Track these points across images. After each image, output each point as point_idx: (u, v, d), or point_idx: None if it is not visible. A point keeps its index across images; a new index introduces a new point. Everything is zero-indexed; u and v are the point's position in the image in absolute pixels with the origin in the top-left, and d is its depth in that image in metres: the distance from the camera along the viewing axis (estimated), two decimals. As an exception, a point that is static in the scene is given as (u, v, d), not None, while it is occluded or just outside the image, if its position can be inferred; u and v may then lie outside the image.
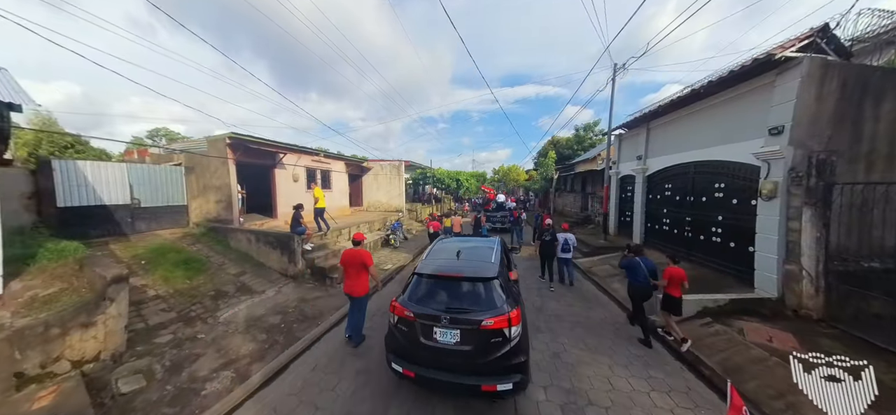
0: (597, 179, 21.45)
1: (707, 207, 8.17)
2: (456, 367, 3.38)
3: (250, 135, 10.60)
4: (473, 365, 3.33)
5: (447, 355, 3.39)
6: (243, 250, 9.70)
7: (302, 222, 8.44)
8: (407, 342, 3.55)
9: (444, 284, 3.80)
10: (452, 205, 26.13)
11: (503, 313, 3.37)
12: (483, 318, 3.35)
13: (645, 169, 10.67)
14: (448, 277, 3.83)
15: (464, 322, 3.37)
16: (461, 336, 3.36)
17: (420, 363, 3.46)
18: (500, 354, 3.29)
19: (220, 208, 11.18)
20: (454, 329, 3.37)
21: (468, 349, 3.33)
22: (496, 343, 3.31)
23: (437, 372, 3.39)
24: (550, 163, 22.84)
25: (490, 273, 3.79)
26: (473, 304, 3.56)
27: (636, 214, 11.19)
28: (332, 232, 10.61)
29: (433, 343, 3.41)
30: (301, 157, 13.33)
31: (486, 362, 3.30)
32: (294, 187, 13.19)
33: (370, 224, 13.37)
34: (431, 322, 3.44)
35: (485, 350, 3.31)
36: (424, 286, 3.84)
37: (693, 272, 8.01)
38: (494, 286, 3.67)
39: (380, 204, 18.12)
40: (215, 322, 5.67)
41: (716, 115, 7.83)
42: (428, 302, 3.66)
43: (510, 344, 3.31)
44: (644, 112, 9.99)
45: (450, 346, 3.38)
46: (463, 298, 3.65)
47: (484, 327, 3.31)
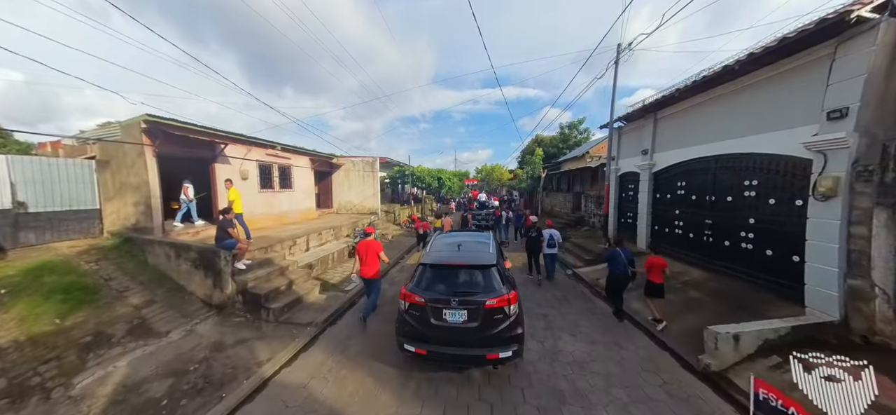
0: (586, 178, 20.35)
1: (734, 208, 6.86)
2: (464, 342, 3.87)
3: (174, 118, 8.45)
4: (479, 339, 3.82)
5: (456, 332, 3.87)
6: (162, 269, 7.59)
7: (232, 233, 6.46)
8: (418, 324, 3.96)
9: (449, 272, 4.28)
10: (435, 206, 24.49)
11: (503, 294, 3.92)
12: (487, 299, 3.86)
13: (651, 165, 9.35)
14: (453, 265, 4.33)
15: (471, 303, 3.87)
16: (468, 315, 3.85)
17: (431, 342, 3.89)
18: (502, 328, 3.83)
19: (140, 213, 8.93)
20: (462, 310, 3.85)
21: (475, 326, 3.83)
22: (498, 319, 3.84)
23: (447, 347, 3.86)
24: (538, 161, 21.56)
25: (490, 261, 4.32)
26: (477, 288, 4.09)
27: (641, 216, 9.87)
28: (258, 245, 8.54)
29: (443, 323, 3.88)
30: (251, 149, 11.21)
31: (490, 335, 3.82)
32: (242, 187, 11.04)
33: (336, 230, 11.42)
34: (442, 305, 3.89)
35: (489, 326, 3.83)
36: (431, 275, 4.29)
37: (715, 285, 6.71)
38: (494, 273, 4.20)
39: (352, 205, 16.12)
40: (63, 397, 3.69)
41: (748, 98, 6.50)
42: (436, 288, 4.12)
43: (510, 319, 3.86)
44: (650, 101, 8.65)
45: (458, 324, 3.86)
46: (467, 283, 4.15)
47: (488, 307, 3.82)
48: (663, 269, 5.38)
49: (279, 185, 12.69)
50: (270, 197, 12.22)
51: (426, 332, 3.92)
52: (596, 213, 13.80)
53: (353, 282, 7.64)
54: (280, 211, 12.56)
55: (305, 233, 9.80)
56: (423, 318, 3.94)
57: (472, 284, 4.15)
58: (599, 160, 14.44)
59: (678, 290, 6.64)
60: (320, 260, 8.83)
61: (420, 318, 3.97)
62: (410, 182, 19.17)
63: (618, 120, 10.63)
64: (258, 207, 11.62)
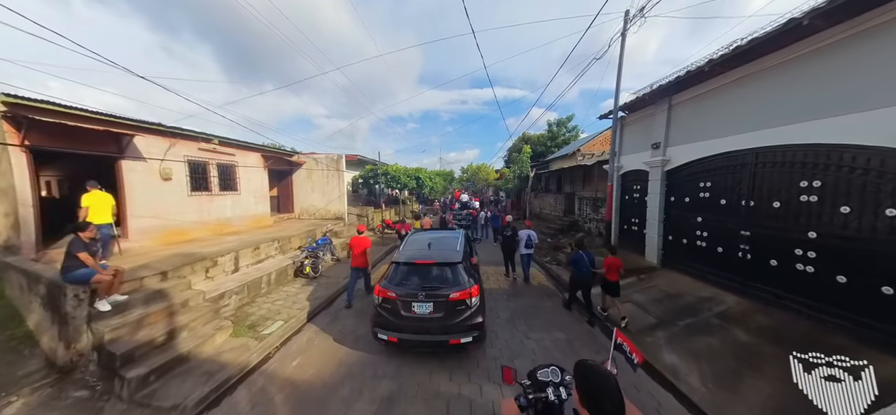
0: (578, 178, 18.83)
1: (784, 216, 5.27)
2: (430, 330, 4.36)
3: (46, 99, 6.30)
4: (443, 327, 4.32)
5: (423, 321, 4.37)
6: (17, 306, 5.51)
7: (84, 259, 4.36)
8: (390, 316, 4.43)
9: (419, 268, 4.74)
10: (416, 207, 22.71)
11: (466, 288, 4.43)
12: (451, 292, 4.38)
13: (664, 162, 7.73)
14: (423, 263, 4.79)
15: (436, 296, 4.38)
16: (434, 307, 4.36)
17: (402, 331, 4.36)
18: (463, 317, 4.36)
19: (9, 227, 6.72)
20: (429, 302, 4.36)
21: (440, 316, 4.35)
22: (460, 310, 4.37)
23: (415, 335, 4.37)
24: (525, 159, 19.92)
25: (456, 259, 4.82)
26: (443, 282, 4.57)
27: (651, 223, 8.25)
28: (160, 267, 6.49)
29: (412, 314, 4.39)
30: (175, 143, 9.05)
31: (453, 323, 4.32)
32: (164, 190, 8.90)
33: (282, 242, 9.36)
34: (411, 299, 4.39)
35: (452, 315, 4.35)
36: (403, 271, 4.75)
37: (766, 320, 4.93)
38: (459, 269, 4.69)
39: (315, 209, 14.02)
40: None
41: (811, 70, 4.87)
42: (406, 283, 4.59)
43: (471, 310, 4.40)
44: (666, 81, 7.01)
45: (425, 315, 4.37)
46: (434, 278, 4.64)
47: (451, 299, 4.34)
48: (619, 269, 5.62)
49: (219, 187, 10.53)
50: (206, 202, 10.07)
51: (398, 322, 4.38)
52: (593, 217, 12.19)
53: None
54: (219, 218, 10.41)
55: (238, 248, 7.74)
56: (395, 310, 4.41)
57: (439, 279, 4.61)
58: (596, 157, 12.85)
59: (716, 329, 4.95)
60: (249, 285, 6.81)
61: (392, 310, 4.44)
62: (384, 182, 17.17)
63: (621, 108, 8.99)
64: (188, 215, 9.47)
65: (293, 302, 6.57)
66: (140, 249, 7.99)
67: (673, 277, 7.15)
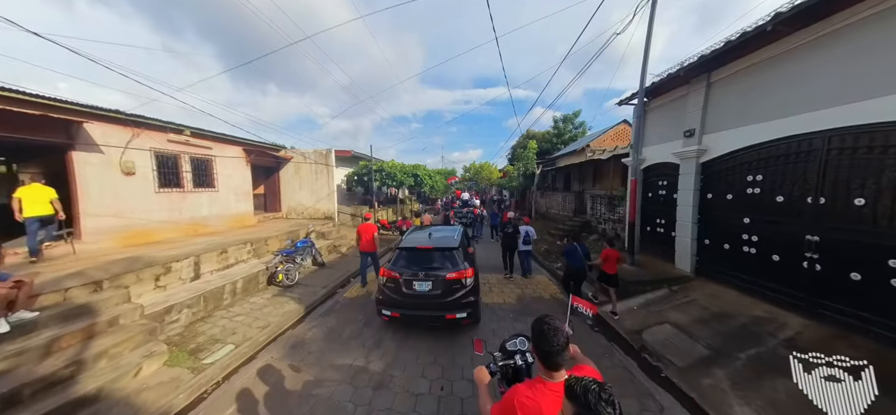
0: (588, 175, 17.60)
1: (872, 217, 4.08)
2: (428, 306, 4.83)
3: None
4: (440, 304, 4.79)
5: (423, 298, 4.84)
6: None
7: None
8: (393, 294, 4.91)
9: (420, 253, 5.20)
10: (416, 206, 21.68)
11: (462, 269, 4.90)
12: (448, 272, 4.86)
13: (700, 151, 6.55)
14: (423, 248, 5.24)
15: (434, 276, 4.84)
16: (432, 285, 4.81)
17: (403, 308, 4.86)
18: (458, 295, 4.80)
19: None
20: (428, 281, 4.82)
21: (438, 293, 4.81)
22: (456, 289, 4.81)
23: (415, 310, 4.85)
24: (531, 155, 18.71)
25: (453, 245, 5.27)
26: (442, 264, 5.02)
27: (682, 225, 7.06)
28: (107, 272, 5.41)
29: (412, 292, 4.85)
30: (139, 133, 8.04)
31: (449, 301, 4.77)
32: (126, 186, 7.90)
33: (257, 245, 8.30)
34: (412, 278, 4.86)
35: (449, 293, 4.79)
36: (406, 255, 5.21)
37: (847, 352, 3.90)
38: (456, 253, 5.13)
39: (303, 208, 12.96)
40: None
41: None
42: (409, 266, 5.04)
43: (466, 289, 4.83)
44: (707, 54, 5.82)
45: (424, 292, 4.83)
46: (434, 261, 5.08)
47: (448, 278, 4.80)
48: (617, 259, 5.51)
49: (193, 183, 9.52)
50: (177, 199, 9.07)
51: (400, 299, 4.88)
52: (608, 218, 10.99)
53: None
54: (193, 218, 9.40)
55: (201, 251, 6.70)
56: (397, 288, 4.90)
57: (438, 261, 5.08)
58: (611, 152, 11.64)
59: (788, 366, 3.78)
60: (207, 296, 5.76)
61: (395, 288, 4.93)
62: (379, 179, 16.05)
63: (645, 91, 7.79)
64: (155, 214, 8.47)
65: (256, 318, 5.48)
66: (96, 251, 7.00)
67: (713, 290, 5.97)
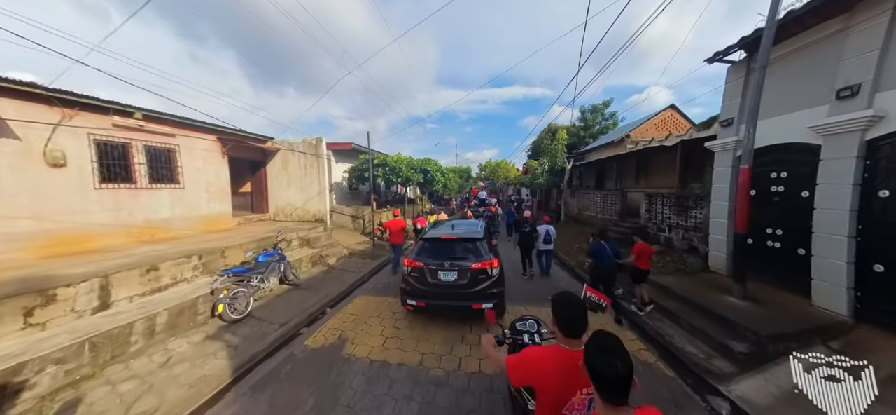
0: (627, 170, 15.04)
1: None
2: (454, 296, 4.82)
3: None
4: (466, 294, 4.78)
5: (448, 288, 4.84)
6: None
7: None
8: (418, 284, 4.95)
9: (444, 244, 5.23)
10: (428, 206, 19.76)
11: (487, 259, 4.90)
12: (473, 262, 4.86)
13: (870, 121, 4.15)
14: (448, 239, 5.28)
15: (459, 266, 4.86)
16: (458, 275, 4.84)
17: (429, 298, 4.86)
18: (484, 285, 4.81)
19: None
20: (453, 271, 4.85)
21: (463, 283, 4.82)
22: (482, 279, 4.83)
23: (440, 300, 4.85)
24: (560, 147, 16.23)
25: (478, 235, 5.33)
26: (466, 255, 5.04)
27: (827, 240, 4.59)
28: None
29: (438, 282, 4.88)
30: (73, 114, 6.28)
31: (475, 291, 4.79)
32: (53, 181, 6.15)
33: (205, 258, 6.30)
34: (437, 267, 4.89)
35: (474, 283, 4.81)
36: (429, 247, 5.24)
37: None
38: (480, 244, 5.16)
39: (292, 208, 11.04)
40: None
41: None
42: (433, 256, 5.06)
43: (491, 279, 4.85)
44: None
45: (450, 282, 4.85)
46: (458, 251, 5.09)
47: (474, 268, 4.81)
48: (650, 256, 5.32)
49: (149, 178, 7.72)
50: (127, 198, 7.29)
51: (425, 289, 4.90)
52: (680, 224, 8.47)
53: None
54: (149, 220, 7.61)
55: (121, 268, 4.79)
56: (422, 278, 4.94)
57: (461, 252, 5.09)
58: (678, 137, 9.09)
59: None
60: (101, 341, 3.81)
61: (419, 278, 4.97)
62: (382, 175, 13.97)
63: (747, 43, 5.36)
64: (94, 215, 6.70)
65: (151, 385, 3.43)
66: (1, 265, 5.25)
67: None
